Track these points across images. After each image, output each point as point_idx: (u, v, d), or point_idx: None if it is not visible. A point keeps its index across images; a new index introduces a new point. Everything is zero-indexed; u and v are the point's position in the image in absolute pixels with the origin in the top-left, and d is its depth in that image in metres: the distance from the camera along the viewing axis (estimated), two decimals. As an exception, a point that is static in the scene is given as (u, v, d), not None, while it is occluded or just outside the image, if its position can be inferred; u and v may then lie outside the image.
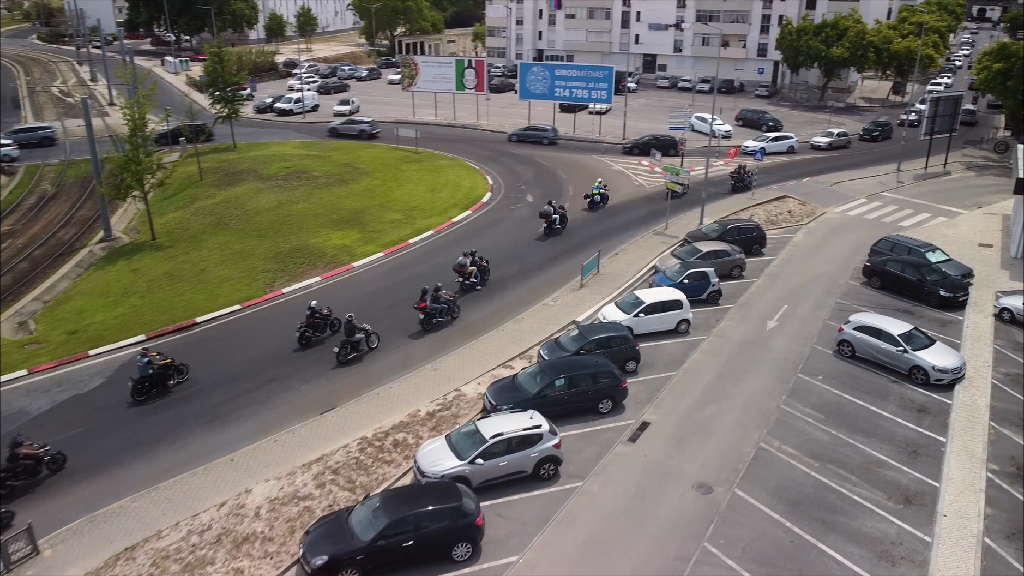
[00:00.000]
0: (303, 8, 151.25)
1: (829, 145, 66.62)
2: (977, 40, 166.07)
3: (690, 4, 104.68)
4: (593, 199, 48.30)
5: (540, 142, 66.88)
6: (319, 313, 31.00)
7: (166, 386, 27.39)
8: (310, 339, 30.72)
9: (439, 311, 32.34)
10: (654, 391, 27.60)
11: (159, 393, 27.21)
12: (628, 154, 63.38)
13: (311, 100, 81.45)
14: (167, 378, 27.40)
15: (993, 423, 25.40)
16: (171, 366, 27.56)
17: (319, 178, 51.75)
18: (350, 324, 29.38)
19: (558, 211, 43.83)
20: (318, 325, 30.99)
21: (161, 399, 27.10)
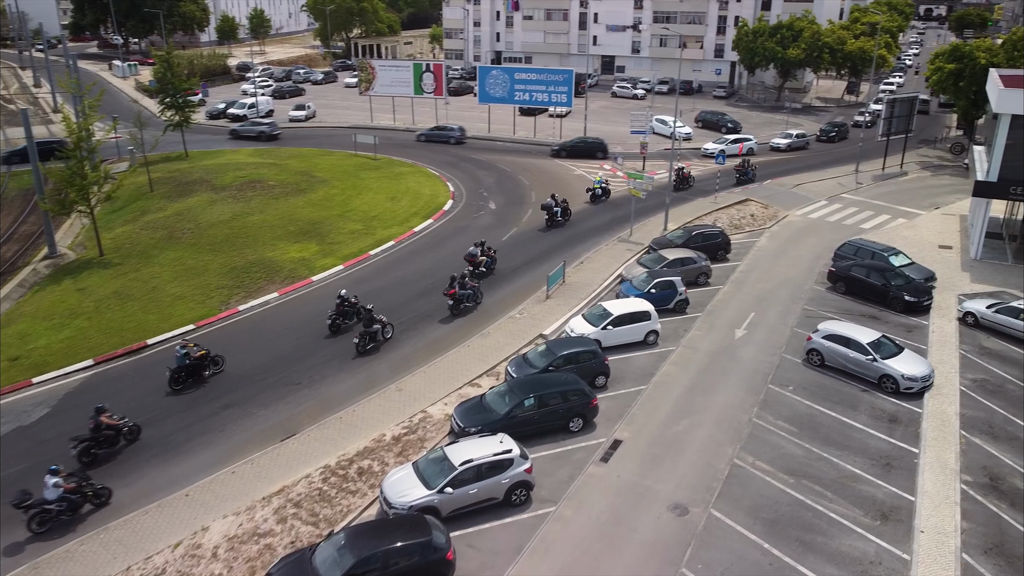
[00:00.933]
0: (256, 10, 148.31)
1: (788, 146, 67.08)
2: (925, 39, 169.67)
3: (647, 5, 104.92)
4: (595, 192, 50.45)
5: (447, 141, 67.06)
6: (347, 301, 32.45)
7: (202, 376, 28.48)
8: (339, 326, 32.27)
9: (466, 296, 34.47)
10: (625, 407, 27.04)
11: (195, 383, 28.22)
12: (556, 156, 63.06)
13: (265, 105, 79.53)
14: (203, 368, 28.46)
15: (964, 432, 25.33)
16: (207, 357, 28.56)
17: (275, 188, 50.32)
18: (369, 315, 30.98)
19: (560, 204, 45.71)
20: (347, 313, 32.43)
21: (198, 389, 28.02)
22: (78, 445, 23.69)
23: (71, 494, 21.27)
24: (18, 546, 20.76)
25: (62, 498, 21.08)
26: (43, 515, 20.98)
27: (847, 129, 73.12)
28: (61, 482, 21.15)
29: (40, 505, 20.93)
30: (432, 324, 32.99)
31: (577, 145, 63.76)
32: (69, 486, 21.29)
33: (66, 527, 21.25)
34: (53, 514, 21.06)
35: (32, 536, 20.90)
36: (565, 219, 45.99)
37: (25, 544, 20.80)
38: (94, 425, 23.96)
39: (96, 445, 23.95)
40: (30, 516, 20.86)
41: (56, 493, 21.00)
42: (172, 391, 27.63)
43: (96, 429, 23.97)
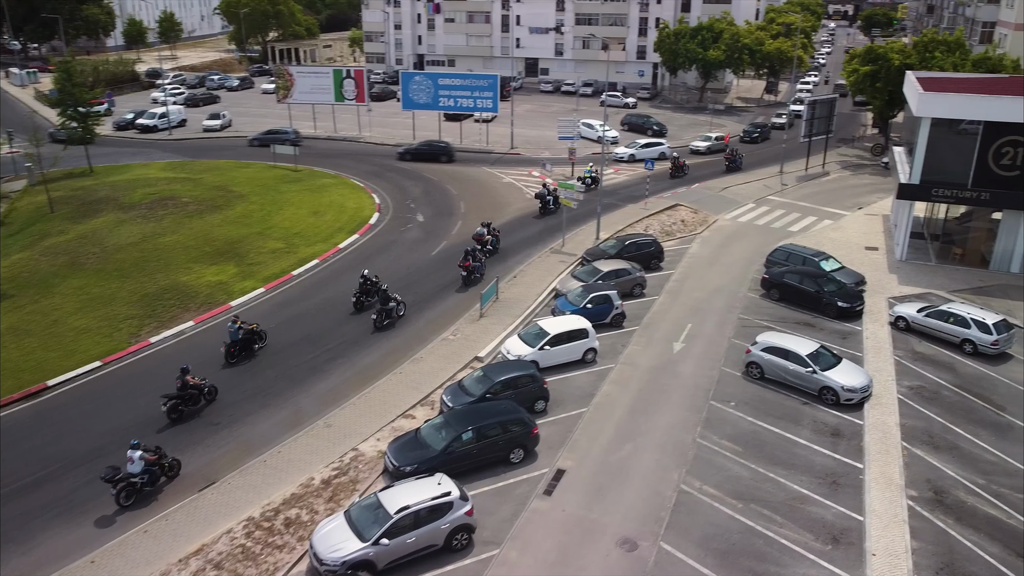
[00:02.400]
0: (165, 12, 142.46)
1: (708, 149, 66.96)
2: (836, 38, 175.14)
3: (569, 7, 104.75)
4: (584, 181, 51.51)
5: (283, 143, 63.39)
6: (370, 281, 34.77)
7: (252, 350, 30.76)
8: (363, 304, 34.54)
9: (478, 269, 37.81)
10: (566, 432, 26.03)
11: (247, 356, 30.49)
12: (402, 159, 62.26)
13: (177, 114, 75.86)
14: (253, 342, 30.81)
15: (905, 443, 25.20)
16: (255, 332, 30.93)
17: (189, 205, 47.59)
18: (384, 294, 33.31)
19: (552, 193, 48.63)
20: (369, 291, 34.65)
21: (249, 361, 30.28)
22: (168, 402, 26.14)
23: (152, 465, 22.76)
24: (108, 518, 22.02)
25: (145, 470, 22.60)
26: (129, 488, 22.37)
27: (769, 130, 74.18)
28: (144, 455, 22.60)
29: (127, 479, 22.28)
30: (361, 351, 31.33)
31: (422, 149, 62.99)
32: (151, 457, 22.82)
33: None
34: (137, 487, 22.51)
35: (120, 509, 22.17)
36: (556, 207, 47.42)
37: (115, 516, 22.12)
38: (181, 384, 26.40)
39: (182, 402, 26.44)
40: (118, 490, 22.18)
41: (140, 466, 22.48)
42: (228, 364, 30.02)
43: (183, 388, 26.43)
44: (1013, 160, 37.62)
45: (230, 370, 29.80)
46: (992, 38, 68.62)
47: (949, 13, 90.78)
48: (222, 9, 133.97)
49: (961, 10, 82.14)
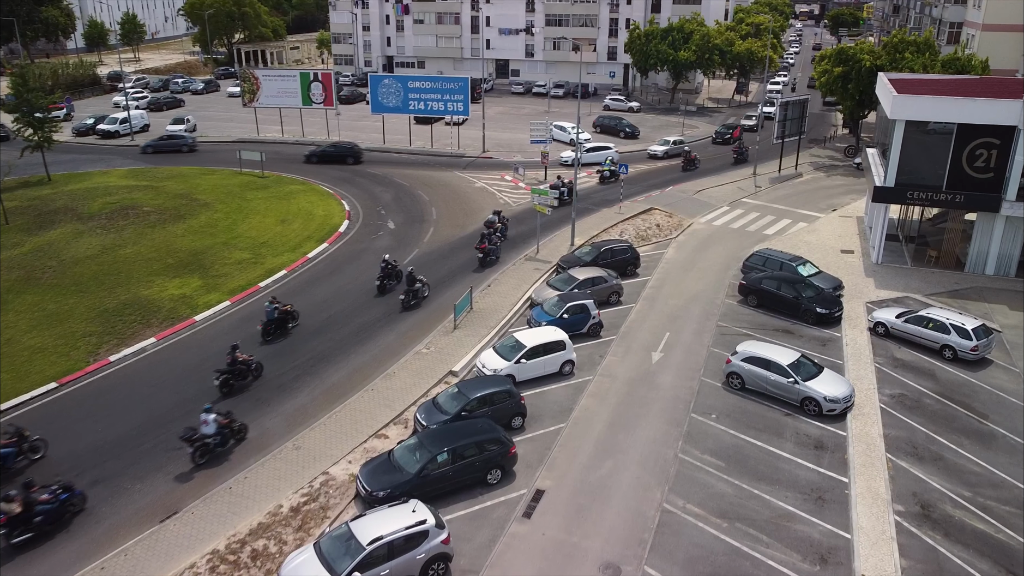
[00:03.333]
0: (127, 14, 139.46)
1: (665, 153, 65.35)
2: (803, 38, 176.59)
3: (539, 8, 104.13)
4: (603, 175, 56.67)
5: (179, 150, 64.78)
6: (391, 264, 37.11)
7: (287, 328, 32.90)
8: (387, 287, 36.86)
9: (493, 251, 40.34)
10: (544, 449, 25.24)
11: (281, 334, 32.52)
12: (308, 162, 61.42)
13: (140, 119, 73.83)
14: (287, 321, 32.96)
15: (890, 455, 24.75)
16: (289, 312, 33.10)
17: (151, 214, 46.07)
18: (411, 275, 35.66)
19: (566, 185, 50.68)
20: (390, 274, 36.99)
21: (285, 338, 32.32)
22: (219, 377, 27.84)
23: (223, 428, 24.50)
24: (187, 474, 23.87)
25: (218, 431, 24.30)
26: (203, 448, 24.06)
27: (743, 130, 73.98)
28: (218, 417, 24.37)
29: (202, 439, 23.96)
30: (330, 367, 30.23)
31: (328, 151, 62.21)
32: (223, 420, 24.60)
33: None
34: (211, 447, 24.20)
35: (195, 467, 23.97)
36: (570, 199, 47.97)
37: (194, 468, 24.08)
38: (231, 360, 28.03)
39: (232, 377, 28.07)
40: (194, 449, 23.93)
41: (214, 427, 24.20)
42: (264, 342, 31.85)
43: (232, 364, 28.05)
44: (987, 162, 37.54)
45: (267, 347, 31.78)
46: (959, 39, 69.08)
47: (915, 13, 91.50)
48: (186, 11, 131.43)
49: (928, 10, 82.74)
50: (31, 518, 20.76)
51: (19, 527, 20.64)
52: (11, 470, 23.71)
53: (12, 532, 20.63)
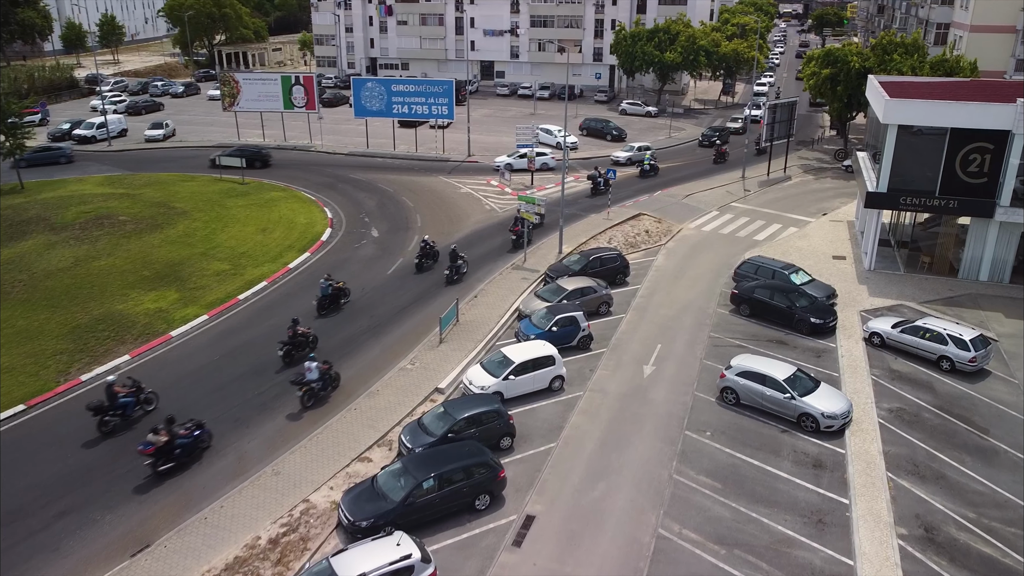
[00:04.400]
0: (106, 15, 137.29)
1: (628, 160, 62.58)
2: (788, 38, 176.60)
3: (524, 10, 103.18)
4: (643, 168, 59.33)
5: (57, 162, 61.25)
6: (429, 244, 40.22)
7: (339, 304, 35.44)
8: (424, 266, 39.72)
9: (525, 234, 41.64)
10: (534, 471, 24.32)
11: (335, 309, 35.13)
12: (213, 167, 59.50)
13: (118, 124, 72.29)
14: (339, 297, 35.45)
15: (890, 474, 23.99)
16: (342, 289, 35.55)
17: (127, 224, 44.77)
18: (454, 253, 38.76)
19: (602, 175, 52.86)
20: (429, 253, 40.13)
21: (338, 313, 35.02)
22: (283, 348, 30.23)
23: (325, 374, 27.74)
24: (297, 415, 27.22)
25: (320, 377, 27.40)
26: (310, 392, 27.31)
27: (728, 134, 73.33)
28: (320, 364, 27.57)
29: (308, 384, 27.08)
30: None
31: (235, 155, 60.16)
32: (324, 367, 27.79)
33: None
34: (316, 391, 27.44)
35: (302, 409, 27.32)
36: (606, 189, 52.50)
37: (301, 411, 27.40)
38: (292, 333, 30.34)
39: (293, 348, 30.26)
40: (303, 394, 27.20)
41: (316, 373, 27.25)
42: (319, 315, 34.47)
43: (293, 336, 30.31)
44: (981, 167, 36.96)
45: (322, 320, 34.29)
46: (947, 39, 68.76)
47: (901, 14, 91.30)
48: (166, 12, 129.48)
49: (914, 11, 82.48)
50: (173, 450, 23.92)
51: (163, 457, 23.73)
52: (130, 418, 26.67)
53: (157, 462, 23.69)
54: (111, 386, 26.13)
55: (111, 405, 25.89)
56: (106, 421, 25.82)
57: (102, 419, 25.80)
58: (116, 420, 26.01)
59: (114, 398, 25.98)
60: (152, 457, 23.50)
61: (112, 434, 25.87)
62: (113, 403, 25.90)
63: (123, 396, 26.21)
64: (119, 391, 26.11)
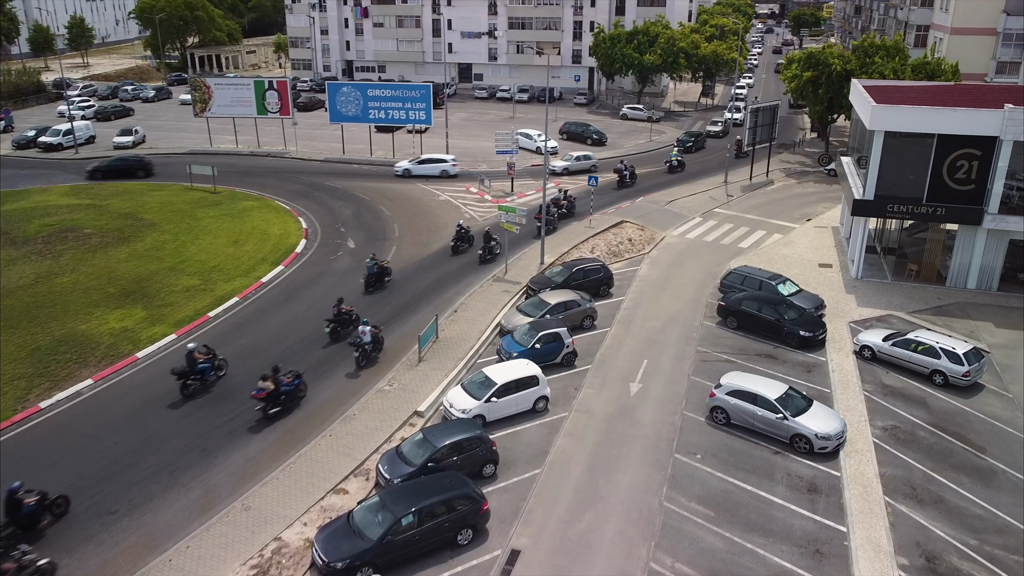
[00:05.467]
0: (75, 17, 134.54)
1: (565, 170, 59.82)
2: (766, 38, 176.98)
3: (502, 12, 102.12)
4: (672, 164, 61.79)
5: None
6: (463, 228, 43.34)
7: (383, 282, 38.33)
8: (459, 249, 42.77)
9: (551, 222, 45.93)
10: (519, 500, 23.22)
11: (379, 287, 38.09)
12: (92, 178, 57.50)
13: (85, 131, 70.26)
14: (384, 275, 38.36)
15: (888, 498, 23.14)
16: (385, 268, 38.44)
17: (92, 237, 43.12)
18: (487, 235, 42.01)
19: (628, 168, 57.33)
20: (464, 237, 43.15)
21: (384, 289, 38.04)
22: (329, 325, 32.63)
23: (376, 337, 31.01)
24: (354, 373, 30.26)
25: (372, 339, 30.66)
26: (364, 353, 30.40)
27: (704, 138, 72.50)
28: (373, 329, 30.89)
29: (363, 346, 30.26)
30: (284, 410, 27.81)
31: (115, 165, 58.55)
32: (376, 330, 31.11)
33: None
34: (369, 352, 30.58)
35: (357, 369, 30.33)
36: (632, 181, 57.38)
37: (357, 371, 30.46)
38: (337, 312, 32.84)
39: (339, 326, 32.76)
40: (359, 354, 30.34)
41: (369, 336, 30.51)
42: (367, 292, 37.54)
43: (338, 314, 32.78)
44: (968, 174, 36.39)
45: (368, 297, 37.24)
46: (927, 42, 68.55)
47: (879, 15, 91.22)
48: (137, 14, 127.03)
49: (892, 12, 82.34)
50: (279, 395, 26.96)
51: (271, 402, 26.77)
52: (208, 382, 28.96)
53: (267, 406, 26.76)
54: (191, 353, 28.51)
55: (191, 370, 28.29)
56: (188, 384, 28.24)
57: (184, 383, 28.24)
58: (196, 384, 28.51)
59: (194, 364, 28.37)
60: (263, 401, 26.65)
61: (192, 397, 28.30)
62: (193, 368, 28.29)
63: (201, 362, 28.61)
64: (198, 357, 28.55)
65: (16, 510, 21.06)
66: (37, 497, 21.47)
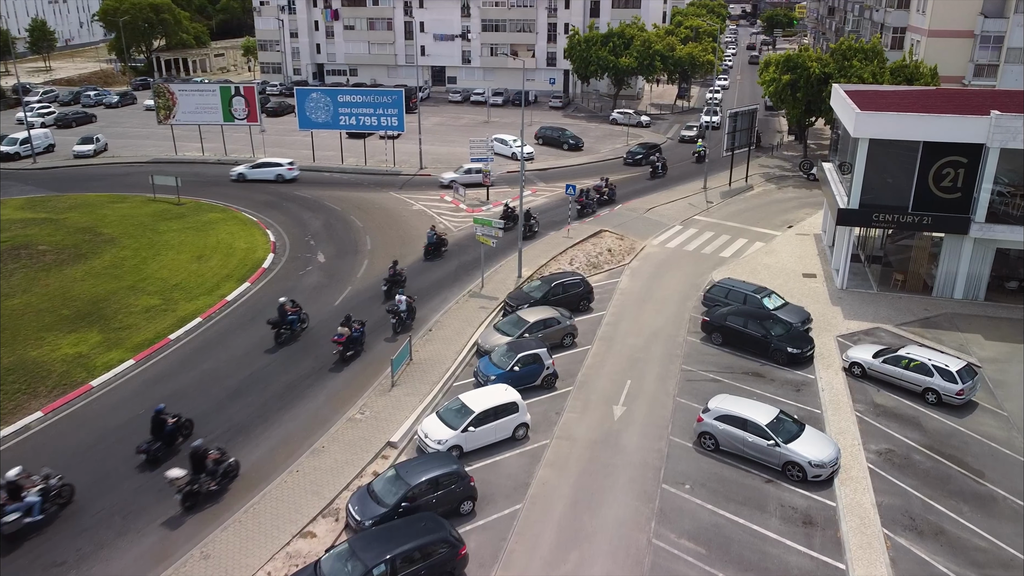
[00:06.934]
0: (36, 20, 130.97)
1: (452, 182, 54.49)
2: (739, 38, 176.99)
3: (475, 14, 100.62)
4: (700, 155, 64.23)
5: None
6: (509, 207, 46.83)
7: (441, 252, 42.49)
8: (507, 228, 44.56)
9: (590, 206, 50.21)
10: (499, 540, 21.83)
11: (438, 255, 42.24)
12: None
13: (44, 139, 67.72)
14: (442, 245, 42.60)
15: (886, 531, 22.03)
16: (443, 238, 42.82)
17: (47, 254, 41.06)
18: (528, 213, 44.69)
19: (660, 159, 61.65)
20: (509, 216, 46.24)
21: (441, 258, 42.36)
22: (386, 284, 37.02)
23: (410, 304, 33.97)
24: (392, 337, 33.19)
25: (408, 307, 33.69)
26: (400, 320, 33.41)
27: (659, 149, 66.88)
28: (408, 298, 33.98)
29: (400, 312, 33.35)
30: (248, 443, 26.16)
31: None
32: (411, 299, 34.15)
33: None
34: (403, 319, 33.65)
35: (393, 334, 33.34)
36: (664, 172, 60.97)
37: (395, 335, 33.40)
38: (392, 272, 37.19)
39: (393, 285, 36.79)
40: (395, 321, 33.35)
41: (405, 304, 33.50)
42: (426, 259, 41.98)
43: (393, 275, 37.12)
44: (954, 182, 35.55)
45: (428, 262, 41.84)
46: (903, 44, 68.08)
47: (854, 16, 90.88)
48: (100, 16, 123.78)
49: (867, 14, 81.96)
50: (354, 340, 31.23)
51: (349, 347, 31.05)
52: (296, 332, 33.18)
53: (344, 350, 31.01)
54: (283, 305, 32.84)
55: (283, 321, 32.46)
56: (280, 333, 32.52)
57: (278, 331, 32.53)
58: (287, 333, 32.66)
59: (284, 315, 32.59)
60: (341, 346, 30.79)
61: (285, 343, 32.61)
62: (284, 319, 32.50)
63: (291, 314, 32.78)
64: (289, 310, 32.75)
65: (160, 428, 24.80)
66: (175, 419, 25.36)
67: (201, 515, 22.66)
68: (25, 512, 21.55)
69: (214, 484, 23.09)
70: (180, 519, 22.50)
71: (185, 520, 22.45)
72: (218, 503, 23.12)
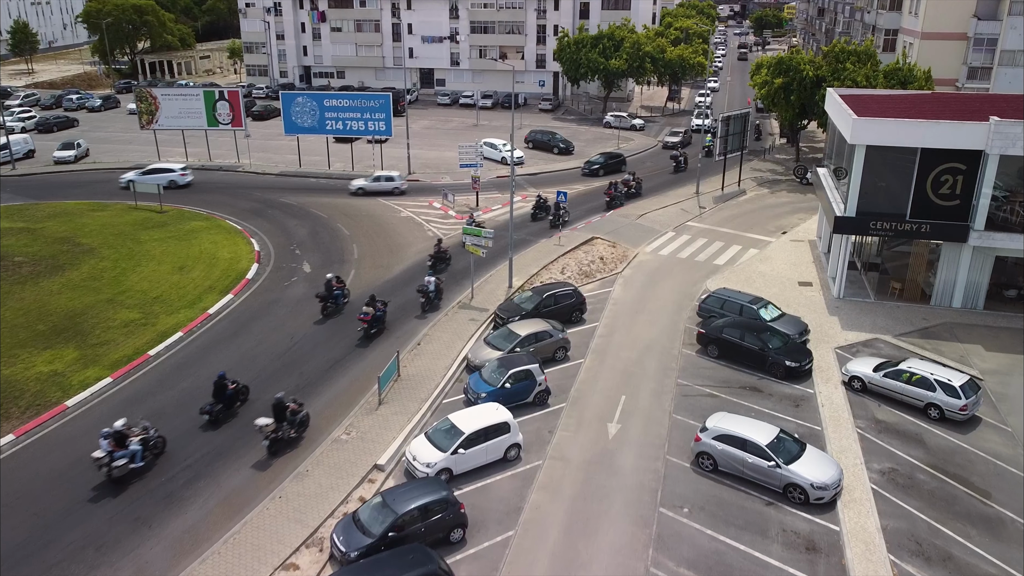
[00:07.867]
0: (18, 22, 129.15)
1: (360, 189, 55.25)
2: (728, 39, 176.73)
3: (463, 15, 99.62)
4: (708, 150, 61.76)
5: None
6: (542, 199, 49.01)
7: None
8: (536, 216, 48.59)
9: (618, 199, 52.43)
10: (491, 571, 20.96)
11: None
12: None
13: (23, 144, 66.30)
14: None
15: (893, 557, 21.24)
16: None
17: (23, 266, 39.86)
18: (557, 204, 46.57)
19: (681, 154, 63.24)
20: (542, 206, 48.70)
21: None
22: (431, 260, 40.53)
23: (439, 286, 36.39)
24: (421, 315, 35.78)
25: (436, 288, 36.09)
26: (428, 300, 35.86)
27: (623, 160, 64.02)
28: (437, 280, 36.47)
29: (428, 293, 35.75)
30: (228, 467, 25.16)
31: None
32: (439, 280, 36.70)
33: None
34: (432, 299, 36.01)
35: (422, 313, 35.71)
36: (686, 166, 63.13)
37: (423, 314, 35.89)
38: (436, 249, 40.69)
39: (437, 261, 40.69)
40: (424, 300, 35.88)
41: (434, 286, 35.95)
42: None
43: (438, 252, 40.60)
44: (952, 189, 34.88)
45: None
46: (895, 46, 67.58)
47: (844, 18, 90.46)
48: (83, 18, 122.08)
49: (858, 15, 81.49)
50: (378, 319, 33.40)
51: (373, 325, 33.31)
52: (340, 306, 36.04)
53: (369, 330, 33.24)
54: (330, 281, 35.75)
55: (329, 295, 35.33)
56: (327, 306, 35.24)
57: (324, 305, 35.29)
58: (332, 307, 35.39)
59: (331, 290, 35.46)
60: (366, 324, 33.03)
61: (330, 316, 35.40)
62: (330, 293, 35.37)
63: (336, 290, 35.69)
64: (336, 285, 35.78)
65: (222, 392, 27.10)
66: (235, 384, 27.62)
67: (177, 544, 21.61)
68: (130, 459, 24.10)
69: (293, 432, 25.85)
70: (156, 549, 21.43)
71: (161, 551, 21.40)
72: (194, 534, 22.08)
